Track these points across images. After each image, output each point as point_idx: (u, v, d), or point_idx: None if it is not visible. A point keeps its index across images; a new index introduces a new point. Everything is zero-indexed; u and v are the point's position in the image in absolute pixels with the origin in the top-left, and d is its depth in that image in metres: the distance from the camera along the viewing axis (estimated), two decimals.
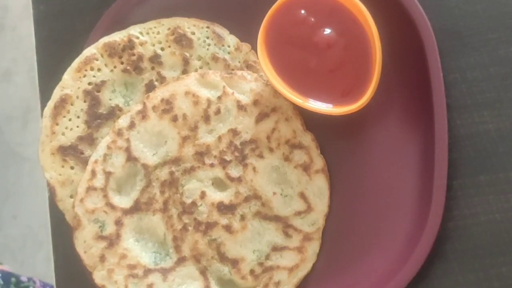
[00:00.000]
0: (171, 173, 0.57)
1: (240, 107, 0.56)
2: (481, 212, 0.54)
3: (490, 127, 0.54)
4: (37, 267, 1.51)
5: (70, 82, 0.58)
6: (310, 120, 0.57)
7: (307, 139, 0.57)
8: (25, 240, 1.56)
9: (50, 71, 0.62)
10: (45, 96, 0.61)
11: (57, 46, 0.64)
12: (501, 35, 0.54)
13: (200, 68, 0.58)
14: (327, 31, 0.52)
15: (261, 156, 0.56)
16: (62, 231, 0.60)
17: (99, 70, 0.58)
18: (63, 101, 0.58)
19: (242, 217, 0.56)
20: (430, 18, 0.53)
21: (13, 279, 1.02)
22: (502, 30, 0.54)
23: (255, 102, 0.56)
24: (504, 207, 0.54)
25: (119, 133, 0.57)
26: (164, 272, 0.56)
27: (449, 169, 0.53)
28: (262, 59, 0.54)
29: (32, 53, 0.65)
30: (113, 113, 0.58)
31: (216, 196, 0.57)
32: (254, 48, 0.57)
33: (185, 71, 0.58)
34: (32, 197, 1.56)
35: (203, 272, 0.57)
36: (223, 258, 0.56)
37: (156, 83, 0.58)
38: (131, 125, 0.57)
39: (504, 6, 0.55)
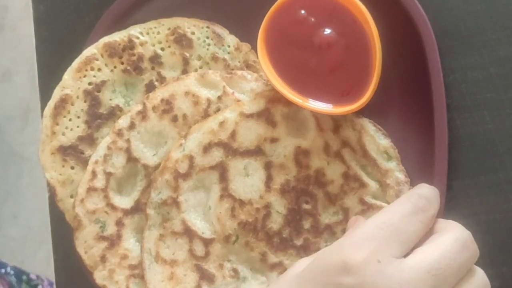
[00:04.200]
0: None
1: None
2: (481, 212, 0.54)
3: (490, 127, 0.54)
4: (37, 267, 1.51)
5: (70, 82, 0.58)
6: None
7: None
8: (25, 240, 1.56)
9: (50, 71, 0.62)
10: (45, 96, 0.61)
11: (57, 46, 0.64)
12: (501, 35, 0.54)
13: (200, 68, 0.58)
14: (327, 31, 0.52)
15: None
16: (62, 231, 0.60)
17: (99, 70, 0.58)
18: (63, 101, 0.58)
19: None
20: (430, 18, 0.53)
21: (24, 277, 1.03)
22: (502, 30, 0.54)
23: None
24: (504, 207, 0.54)
25: (119, 133, 0.57)
26: None
27: (449, 169, 0.53)
28: (262, 59, 0.54)
29: (32, 53, 0.65)
30: (113, 113, 0.58)
31: None
32: (254, 48, 0.57)
33: (185, 71, 0.58)
34: (32, 197, 1.56)
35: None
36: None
37: (156, 83, 0.58)
38: (131, 126, 0.57)
39: (504, 6, 0.54)
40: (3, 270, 1.01)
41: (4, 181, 1.58)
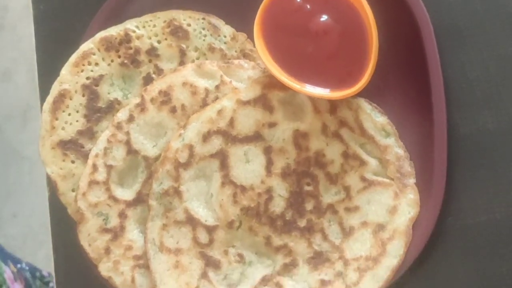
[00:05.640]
0: None
1: None
2: (481, 211, 0.54)
3: (490, 126, 0.54)
4: (37, 266, 1.51)
5: (68, 77, 0.58)
6: None
7: None
8: (25, 239, 1.56)
9: (50, 71, 0.62)
10: (44, 95, 0.61)
11: (57, 46, 0.64)
12: (501, 33, 0.54)
13: (197, 59, 0.58)
14: (324, 17, 0.52)
15: None
16: (62, 230, 0.60)
17: (96, 64, 0.59)
18: (62, 96, 0.58)
19: None
20: (430, 16, 0.53)
21: (37, 273, 1.03)
22: (501, 28, 0.54)
23: None
24: (504, 206, 0.54)
25: (119, 126, 0.57)
26: None
27: (448, 168, 0.53)
28: (259, 47, 0.54)
29: (32, 53, 0.65)
30: (112, 106, 0.58)
31: None
32: (250, 37, 0.57)
33: (182, 63, 0.58)
34: (32, 196, 1.56)
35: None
36: None
37: (153, 75, 0.58)
38: (130, 118, 0.57)
39: (504, 4, 0.54)
40: (19, 266, 1.01)
41: (4, 180, 1.58)
